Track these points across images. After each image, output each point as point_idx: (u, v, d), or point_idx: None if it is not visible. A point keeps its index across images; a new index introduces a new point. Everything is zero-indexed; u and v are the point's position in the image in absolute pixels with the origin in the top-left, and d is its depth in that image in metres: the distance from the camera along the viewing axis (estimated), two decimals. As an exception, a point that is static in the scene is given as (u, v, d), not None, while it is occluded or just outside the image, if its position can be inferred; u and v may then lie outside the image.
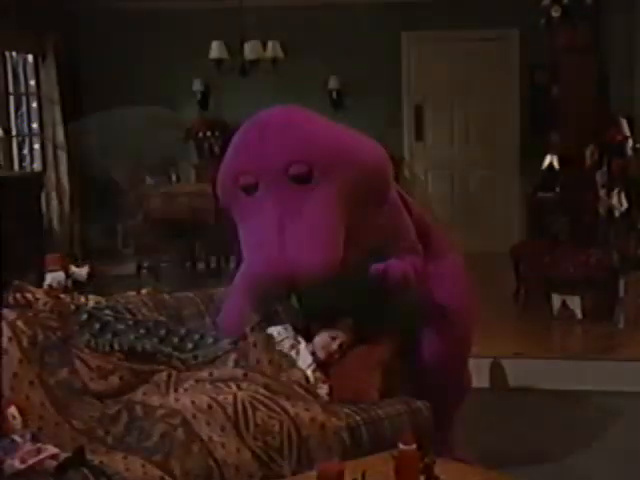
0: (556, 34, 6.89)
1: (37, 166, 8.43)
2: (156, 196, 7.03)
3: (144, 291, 3.36)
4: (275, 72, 7.88)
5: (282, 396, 2.71)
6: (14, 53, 8.17)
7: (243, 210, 2.69)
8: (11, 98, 8.21)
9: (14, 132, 8.23)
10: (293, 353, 2.94)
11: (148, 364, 2.82)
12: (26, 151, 8.47)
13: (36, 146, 8.45)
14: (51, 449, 2.36)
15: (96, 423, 2.59)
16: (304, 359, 2.93)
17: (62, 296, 3.08)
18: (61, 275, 5.85)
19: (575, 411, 4.23)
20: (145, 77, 8.51)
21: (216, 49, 7.70)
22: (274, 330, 3.00)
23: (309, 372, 2.89)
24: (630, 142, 5.81)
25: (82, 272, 5.94)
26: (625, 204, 5.51)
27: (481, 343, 3.70)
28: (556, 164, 6.73)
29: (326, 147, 2.64)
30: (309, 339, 3.01)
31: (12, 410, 2.52)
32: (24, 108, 8.40)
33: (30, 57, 8.28)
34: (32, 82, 8.35)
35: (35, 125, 8.42)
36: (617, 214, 5.57)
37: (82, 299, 3.08)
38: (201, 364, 2.86)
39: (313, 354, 2.96)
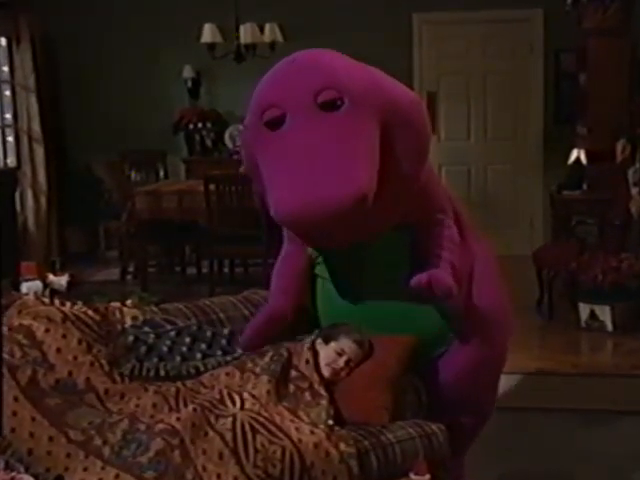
0: (584, 15, 6.88)
1: (11, 161, 8.44)
2: (142, 194, 7.02)
3: (129, 302, 3.34)
4: (273, 57, 7.87)
5: (284, 414, 2.73)
6: (-15, 36, 8.20)
7: (268, 149, 2.70)
8: (-18, 86, 8.24)
9: (-15, 124, 8.26)
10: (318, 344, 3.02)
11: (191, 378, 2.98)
12: (-2, 144, 8.50)
13: (10, 139, 8.47)
14: (26, 478, 2.35)
15: (94, 430, 2.62)
16: (326, 354, 2.99)
17: (99, 305, 3.14)
18: (38, 284, 5.86)
19: (606, 434, 4.21)
20: (130, 63, 8.51)
21: (209, 32, 7.72)
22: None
23: (326, 371, 2.94)
24: (666, 136, 5.82)
25: (61, 281, 5.95)
26: (660, 204, 5.52)
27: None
28: (584, 159, 6.73)
29: (358, 76, 2.69)
30: None
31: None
32: (-4, 97, 8.43)
33: (3, 40, 8.30)
34: (5, 68, 8.37)
35: (8, 115, 8.44)
36: (651, 215, 5.58)
37: (117, 314, 3.14)
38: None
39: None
